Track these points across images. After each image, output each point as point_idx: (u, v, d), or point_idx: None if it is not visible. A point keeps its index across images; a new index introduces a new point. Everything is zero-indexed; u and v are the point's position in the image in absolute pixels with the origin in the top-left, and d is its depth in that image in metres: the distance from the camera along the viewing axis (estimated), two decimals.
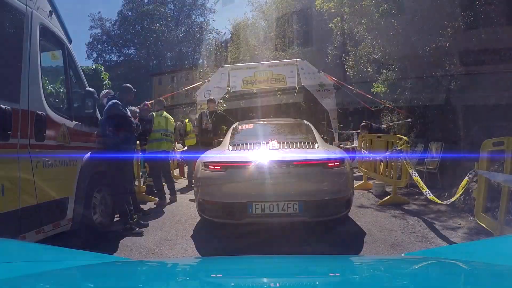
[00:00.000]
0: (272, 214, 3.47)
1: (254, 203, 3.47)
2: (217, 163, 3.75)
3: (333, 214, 3.62)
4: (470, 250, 1.23)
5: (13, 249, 1.15)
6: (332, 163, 3.64)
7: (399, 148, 5.09)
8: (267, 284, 0.89)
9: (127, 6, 28.72)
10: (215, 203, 3.68)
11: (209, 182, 3.70)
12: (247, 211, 3.48)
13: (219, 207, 3.66)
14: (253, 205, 3.48)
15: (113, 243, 3.71)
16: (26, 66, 2.78)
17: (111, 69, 24.44)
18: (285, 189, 3.51)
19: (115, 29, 29.13)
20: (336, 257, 2.16)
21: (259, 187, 3.52)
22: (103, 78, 8.71)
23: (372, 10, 7.40)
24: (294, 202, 3.45)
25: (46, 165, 2.98)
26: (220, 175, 3.64)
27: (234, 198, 3.57)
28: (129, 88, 4.35)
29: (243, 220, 3.55)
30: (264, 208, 3.47)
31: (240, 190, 3.57)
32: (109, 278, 0.93)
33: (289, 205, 3.46)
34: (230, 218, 3.65)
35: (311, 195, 3.50)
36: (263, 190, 3.51)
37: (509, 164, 3.13)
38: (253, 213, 3.48)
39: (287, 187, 3.51)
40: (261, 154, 3.84)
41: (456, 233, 3.75)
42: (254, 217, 3.51)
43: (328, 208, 3.58)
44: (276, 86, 11.67)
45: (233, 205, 3.57)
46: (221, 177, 3.62)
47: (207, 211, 3.76)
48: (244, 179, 3.58)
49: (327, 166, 3.62)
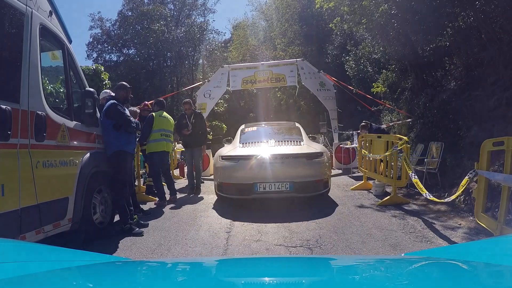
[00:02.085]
0: (271, 191, 4.87)
1: (258, 184, 4.87)
2: (231, 156, 5.24)
3: (315, 191, 5.05)
4: (470, 250, 1.23)
5: (13, 249, 1.15)
6: (313, 156, 5.08)
7: (399, 148, 5.09)
8: (267, 284, 0.89)
9: (127, 6, 28.66)
10: (230, 184, 5.05)
11: (226, 170, 5.12)
12: (253, 190, 4.89)
13: (233, 187, 5.03)
14: (257, 185, 4.88)
15: (113, 243, 3.71)
16: (26, 66, 2.78)
17: (111, 69, 24.39)
18: (280, 174, 4.88)
19: (115, 29, 29.07)
20: (336, 257, 2.16)
21: (262, 172, 4.89)
22: (103, 78, 8.69)
23: (372, 10, 7.40)
24: (286, 183, 4.85)
25: (46, 165, 2.98)
26: (234, 164, 5.10)
27: (244, 180, 4.93)
28: (124, 86, 4.35)
29: (250, 196, 4.93)
30: (265, 187, 4.88)
31: (248, 175, 4.92)
32: (109, 278, 0.93)
33: (283, 185, 4.87)
34: (241, 194, 5.01)
35: (298, 178, 4.89)
36: (264, 175, 4.88)
37: (509, 164, 3.12)
38: (258, 191, 4.88)
39: (281, 172, 4.88)
40: (263, 150, 5.28)
41: (456, 233, 3.75)
42: (258, 193, 4.90)
43: (310, 187, 4.97)
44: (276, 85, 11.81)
45: (243, 185, 4.93)
46: (234, 166, 5.07)
47: (224, 190, 5.17)
48: (251, 167, 4.97)
49: (309, 157, 5.03)
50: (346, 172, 8.58)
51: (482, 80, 6.14)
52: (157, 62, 28.62)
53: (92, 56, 28.66)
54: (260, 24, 33.41)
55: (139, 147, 5.65)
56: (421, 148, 6.72)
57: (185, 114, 6.57)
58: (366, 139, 6.83)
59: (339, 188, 6.62)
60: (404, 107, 9.37)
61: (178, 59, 27.99)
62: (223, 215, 4.77)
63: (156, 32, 25.46)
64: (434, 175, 5.95)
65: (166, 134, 5.75)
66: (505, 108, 5.10)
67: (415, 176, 4.63)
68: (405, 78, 10.30)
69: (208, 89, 10.06)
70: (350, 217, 4.48)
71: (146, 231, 4.11)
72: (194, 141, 6.50)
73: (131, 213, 4.21)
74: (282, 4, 24.03)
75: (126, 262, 1.31)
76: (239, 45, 32.97)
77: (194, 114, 6.62)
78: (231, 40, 36.76)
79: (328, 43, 19.24)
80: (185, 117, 6.51)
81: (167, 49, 26.94)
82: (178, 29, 28.06)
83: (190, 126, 6.37)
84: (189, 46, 28.01)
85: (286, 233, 3.85)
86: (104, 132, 4.06)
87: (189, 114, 6.54)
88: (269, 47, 29.05)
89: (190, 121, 6.42)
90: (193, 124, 6.41)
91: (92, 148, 3.84)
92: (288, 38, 23.82)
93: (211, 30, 30.69)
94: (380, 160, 6.03)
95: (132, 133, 4.26)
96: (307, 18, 21.43)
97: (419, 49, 8.34)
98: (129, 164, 4.32)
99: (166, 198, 5.72)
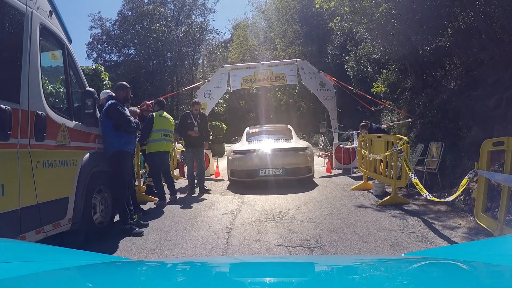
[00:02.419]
0: (269, 175, 6.72)
1: (260, 170, 6.71)
2: (240, 150, 7.17)
3: (301, 175, 6.85)
4: (470, 250, 1.23)
5: (13, 249, 1.15)
6: (299, 149, 6.98)
7: (399, 148, 5.08)
8: (267, 284, 0.89)
9: (127, 6, 28.66)
10: (240, 170, 6.93)
11: (236, 160, 7.00)
12: (257, 174, 6.73)
13: (242, 172, 6.91)
14: (259, 171, 6.71)
15: (113, 243, 3.71)
16: (26, 66, 2.78)
17: (111, 69, 24.40)
18: (275, 162, 6.69)
19: (115, 29, 29.07)
20: (336, 257, 2.16)
21: (263, 161, 6.73)
22: (103, 78, 8.69)
23: (372, 10, 7.40)
24: (280, 168, 6.69)
25: (46, 165, 2.98)
26: (242, 156, 6.98)
27: (250, 167, 6.79)
28: (124, 86, 4.35)
29: (254, 178, 6.77)
30: (265, 172, 6.71)
31: (253, 163, 6.77)
32: (109, 278, 0.93)
33: (278, 170, 6.69)
34: (248, 178, 6.87)
35: (288, 165, 6.72)
36: (264, 163, 6.71)
37: (509, 164, 3.12)
38: (260, 175, 6.73)
39: (276, 161, 6.70)
40: (263, 145, 7.20)
41: (456, 233, 3.75)
42: (260, 177, 6.74)
43: (297, 172, 6.79)
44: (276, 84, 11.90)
45: (249, 171, 6.79)
46: (243, 157, 6.95)
47: (235, 175, 7.03)
48: (255, 157, 6.84)
49: (296, 151, 6.93)
50: (346, 172, 8.57)
51: (482, 80, 6.14)
52: (157, 62, 28.62)
53: (92, 56, 28.69)
54: (260, 24, 33.44)
55: (139, 147, 5.65)
56: (421, 148, 6.72)
57: (192, 114, 6.59)
58: (366, 139, 6.82)
59: (339, 188, 6.62)
60: (404, 107, 9.38)
61: (178, 59, 27.98)
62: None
63: (156, 32, 25.45)
64: (434, 175, 5.95)
65: (166, 134, 5.75)
66: (505, 108, 5.10)
67: (415, 176, 4.63)
68: (405, 78, 10.30)
69: (208, 89, 10.05)
70: (350, 217, 4.48)
71: (146, 231, 4.11)
72: (198, 141, 6.55)
73: (131, 213, 4.22)
74: (282, 4, 24.02)
75: (126, 262, 1.31)
76: (239, 45, 32.99)
77: (200, 115, 6.69)
78: (231, 40, 36.78)
79: (328, 43, 19.25)
80: (191, 116, 6.54)
81: (167, 49, 26.92)
82: (178, 29, 28.06)
83: (196, 125, 6.44)
84: (189, 46, 28.00)
85: (286, 233, 3.85)
86: (104, 132, 4.06)
87: (196, 115, 6.58)
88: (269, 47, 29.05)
89: (196, 121, 6.49)
90: (198, 125, 6.49)
91: (92, 148, 3.84)
92: (288, 38, 23.82)
93: (211, 30, 30.69)
94: (380, 160, 6.03)
95: (132, 133, 4.26)
96: (307, 18, 21.43)
97: (419, 49, 8.34)
98: (129, 164, 4.31)
99: (166, 198, 5.72)
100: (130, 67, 27.53)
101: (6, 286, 0.75)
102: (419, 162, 6.49)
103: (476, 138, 5.09)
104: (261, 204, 5.46)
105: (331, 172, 8.74)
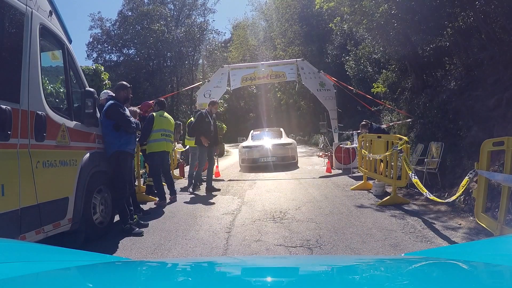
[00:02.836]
0: (267, 161, 9.95)
1: (261, 158, 10.01)
2: (248, 145, 10.46)
3: (288, 161, 10.16)
4: (470, 250, 1.22)
5: (13, 249, 1.15)
6: (286, 144, 10.41)
7: (399, 148, 5.08)
8: (267, 284, 0.89)
9: (127, 6, 28.68)
10: (248, 159, 10.11)
11: (245, 152, 10.20)
12: (259, 161, 10.02)
13: (249, 160, 10.08)
14: (260, 158, 10.01)
15: (113, 243, 3.71)
16: (26, 66, 2.78)
17: (111, 69, 24.41)
18: (271, 153, 9.96)
19: (115, 29, 29.08)
20: (336, 257, 2.16)
21: (262, 153, 10.04)
22: (103, 78, 8.69)
23: (372, 10, 7.40)
24: (273, 157, 9.97)
25: (46, 165, 2.98)
26: (249, 150, 10.20)
27: (254, 156, 10.03)
28: (124, 85, 4.34)
29: (257, 164, 9.98)
30: (264, 159, 9.98)
31: (256, 154, 10.04)
32: (109, 278, 0.93)
33: (272, 158, 9.95)
34: (252, 163, 10.02)
35: (279, 155, 10.06)
36: (264, 154, 10.02)
37: (509, 164, 3.12)
38: (261, 161, 10.00)
39: (271, 152, 9.97)
40: (263, 142, 10.65)
41: (456, 233, 3.75)
42: (261, 163, 9.99)
43: (285, 159, 10.13)
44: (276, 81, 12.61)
45: (254, 159, 10.02)
46: (249, 150, 10.17)
47: (245, 162, 10.16)
48: (257, 150, 10.10)
49: (284, 145, 10.35)
50: (346, 172, 8.57)
51: (482, 80, 6.14)
52: (157, 62, 28.63)
53: (92, 56, 28.71)
54: (260, 24, 33.45)
55: (139, 147, 5.65)
56: (421, 148, 6.72)
57: (210, 113, 6.69)
58: (366, 139, 6.82)
59: (339, 188, 6.62)
60: (404, 107, 9.38)
61: (178, 59, 28.00)
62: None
63: (156, 32, 25.46)
64: (434, 175, 5.95)
65: (167, 134, 5.75)
66: (505, 108, 5.10)
67: (415, 176, 4.63)
68: (405, 78, 10.30)
69: (208, 89, 10.06)
70: (350, 217, 4.48)
71: (146, 231, 4.11)
72: (212, 140, 6.69)
73: (131, 213, 4.21)
74: (282, 4, 24.02)
75: (126, 262, 1.31)
76: (239, 45, 32.99)
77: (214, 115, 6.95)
78: (231, 40, 36.79)
79: (328, 43, 19.24)
80: (208, 116, 6.62)
81: (167, 49, 26.94)
82: (178, 29, 28.07)
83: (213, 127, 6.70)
84: (189, 46, 28.02)
85: (286, 233, 3.85)
86: (104, 132, 4.05)
87: (212, 114, 6.72)
88: (269, 47, 29.05)
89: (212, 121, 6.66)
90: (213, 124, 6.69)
91: (92, 148, 3.84)
92: (288, 38, 23.83)
93: (211, 30, 30.73)
94: (380, 160, 6.03)
95: (132, 133, 4.26)
96: (307, 18, 21.43)
97: (419, 49, 8.34)
98: (129, 164, 4.31)
99: (166, 198, 5.72)
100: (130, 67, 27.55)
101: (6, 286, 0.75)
102: (419, 162, 6.49)
103: (476, 138, 5.10)
104: (261, 204, 5.46)
105: (331, 172, 8.74)
